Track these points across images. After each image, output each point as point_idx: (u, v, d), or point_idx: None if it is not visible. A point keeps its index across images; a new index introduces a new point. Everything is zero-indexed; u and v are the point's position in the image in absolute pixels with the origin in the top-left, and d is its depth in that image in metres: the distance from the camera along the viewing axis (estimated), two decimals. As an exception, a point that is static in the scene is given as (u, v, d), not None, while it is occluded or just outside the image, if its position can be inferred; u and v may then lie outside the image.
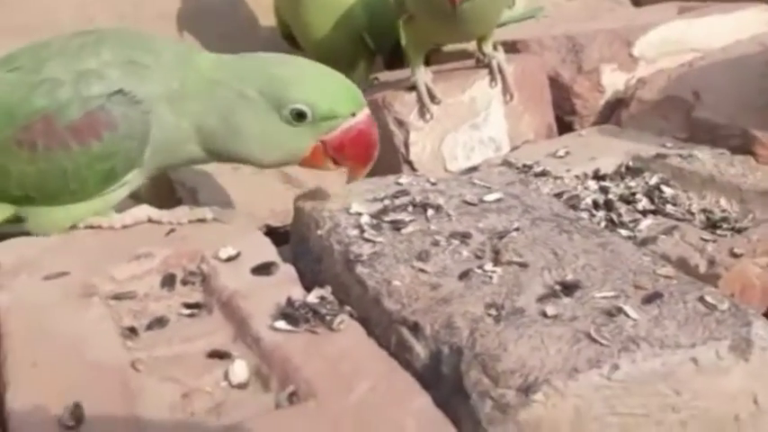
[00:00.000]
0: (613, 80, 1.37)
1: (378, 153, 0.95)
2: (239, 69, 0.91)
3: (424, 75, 1.25)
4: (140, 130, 0.89)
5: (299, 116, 0.88)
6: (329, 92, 0.90)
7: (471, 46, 1.38)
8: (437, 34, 1.27)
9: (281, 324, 0.76)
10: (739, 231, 0.95)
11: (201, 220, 0.97)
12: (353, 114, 0.90)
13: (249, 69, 0.91)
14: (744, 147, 1.15)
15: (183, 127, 0.90)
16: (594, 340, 0.70)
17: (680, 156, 1.13)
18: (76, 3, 1.38)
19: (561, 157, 1.18)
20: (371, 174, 1.19)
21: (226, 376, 0.73)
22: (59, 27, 1.37)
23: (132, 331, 0.79)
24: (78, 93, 0.88)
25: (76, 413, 0.65)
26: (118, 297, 0.85)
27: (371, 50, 1.43)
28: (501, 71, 1.28)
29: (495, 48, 1.31)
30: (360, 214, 0.93)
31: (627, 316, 0.73)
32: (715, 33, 1.44)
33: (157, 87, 0.90)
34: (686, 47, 1.41)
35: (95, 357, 0.73)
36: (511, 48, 1.41)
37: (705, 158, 1.11)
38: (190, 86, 0.90)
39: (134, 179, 0.93)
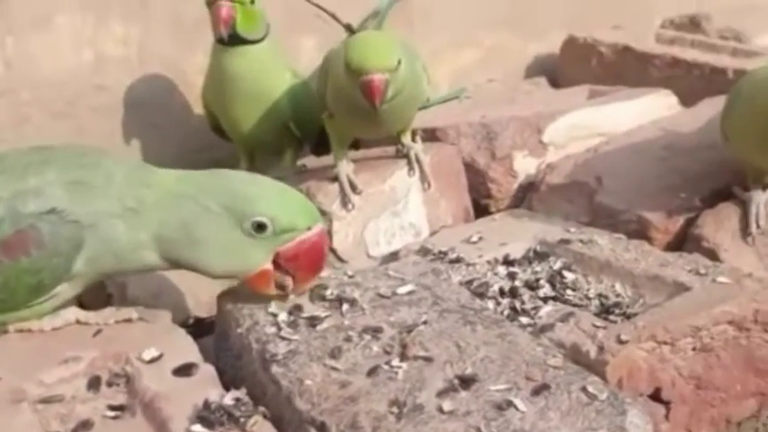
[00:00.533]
0: (525, 165, 1.46)
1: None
2: (203, 184, 0.98)
3: (345, 167, 1.33)
4: (69, 247, 0.94)
5: (260, 228, 0.96)
6: (289, 206, 0.99)
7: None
8: (357, 130, 1.35)
9: (198, 427, 0.81)
10: (629, 317, 1.03)
11: (127, 320, 1.02)
12: (309, 228, 0.98)
13: (213, 185, 0.98)
14: (640, 231, 1.24)
15: (141, 239, 0.97)
16: (483, 435, 0.77)
17: (581, 241, 1.21)
18: (10, 103, 1.43)
19: (474, 242, 1.26)
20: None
21: (145, 481, 0.77)
22: (-8, 126, 1.43)
23: (58, 437, 0.84)
24: (12, 211, 0.94)
25: None
26: (46, 401, 0.89)
27: (298, 139, 1.50)
28: (418, 161, 1.36)
29: (413, 138, 1.40)
30: (276, 314, 0.99)
31: (516, 409, 0.81)
32: (621, 118, 1.54)
33: (106, 205, 0.96)
34: (594, 132, 1.52)
35: (20, 467, 0.77)
36: (430, 135, 1.50)
37: (603, 243, 1.20)
38: (149, 202, 0.96)
39: (63, 291, 0.98)
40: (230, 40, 1.36)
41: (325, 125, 1.37)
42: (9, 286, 0.95)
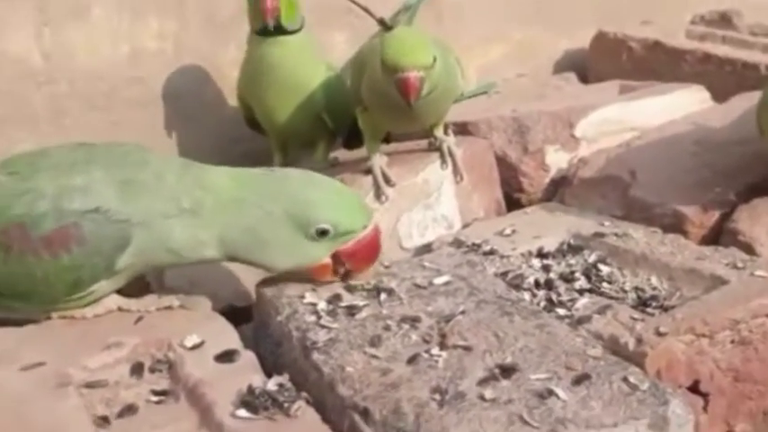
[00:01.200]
0: (557, 159, 1.47)
1: None
2: (264, 188, 1.01)
3: (379, 160, 1.34)
4: (111, 247, 0.96)
5: (322, 233, 1.00)
6: (348, 211, 1.03)
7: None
8: (391, 124, 1.36)
9: (242, 412, 0.82)
10: (666, 309, 1.03)
11: (168, 308, 1.03)
12: (365, 226, 1.03)
13: (274, 189, 1.01)
14: (675, 225, 1.24)
15: (202, 238, 0.99)
16: (526, 422, 0.77)
17: (616, 234, 1.21)
18: (48, 95, 1.45)
19: (508, 235, 1.26)
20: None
21: (191, 463, 0.79)
22: (32, 119, 1.45)
23: (104, 420, 0.85)
24: (56, 207, 0.95)
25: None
26: (90, 386, 0.91)
27: (331, 131, 1.51)
28: (451, 154, 1.37)
29: (445, 132, 1.40)
30: (315, 303, 1.00)
31: (557, 397, 0.81)
32: (652, 113, 1.54)
33: (159, 205, 0.98)
34: (625, 126, 1.52)
35: (70, 448, 0.78)
36: (461, 129, 1.50)
37: (638, 237, 1.20)
38: (208, 205, 0.98)
39: (102, 288, 1.00)
40: (273, 30, 1.37)
41: (359, 118, 1.38)
42: (48, 281, 0.96)
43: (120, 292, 1.07)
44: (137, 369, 0.93)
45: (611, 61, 1.89)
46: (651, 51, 1.85)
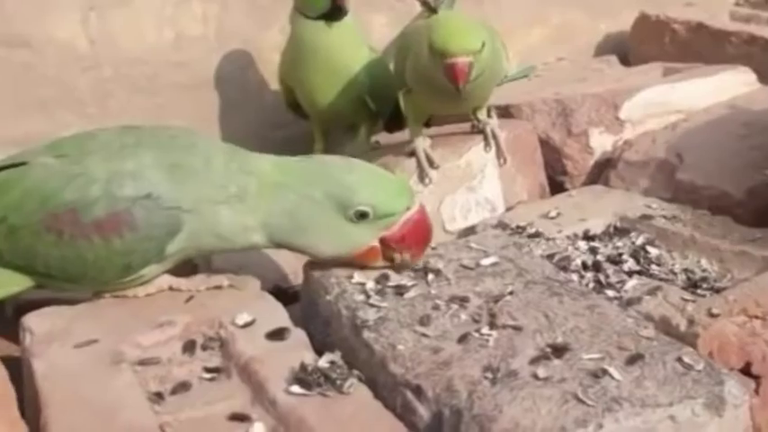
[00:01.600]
0: (601, 142, 1.45)
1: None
2: (304, 174, 1.01)
3: (422, 142, 1.34)
4: (162, 233, 0.97)
5: (362, 216, 0.99)
6: (387, 193, 1.01)
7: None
8: (436, 107, 1.35)
9: (296, 388, 0.83)
10: (718, 291, 1.02)
11: (218, 287, 1.04)
12: (408, 208, 1.01)
13: (314, 174, 1.01)
14: (723, 208, 1.23)
15: (248, 223, 0.99)
16: (581, 401, 0.77)
17: (664, 217, 1.20)
18: (94, 79, 1.47)
19: (553, 218, 1.26)
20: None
21: (246, 438, 0.80)
22: (77, 101, 1.47)
23: (159, 396, 0.86)
24: (108, 192, 0.96)
25: (114, 476, 0.72)
26: (143, 363, 0.92)
27: (373, 114, 1.51)
28: (495, 137, 1.36)
29: (489, 114, 1.40)
30: (364, 283, 1.00)
31: (611, 377, 0.81)
32: (698, 95, 1.52)
33: (209, 191, 0.98)
34: (671, 108, 1.50)
35: (128, 422, 0.80)
36: (504, 112, 1.49)
37: (687, 219, 1.19)
38: (252, 190, 0.99)
39: (152, 272, 1.01)
40: (333, 14, 1.38)
41: (402, 101, 1.37)
42: (99, 265, 0.97)
43: (168, 272, 1.08)
44: (189, 346, 0.94)
45: (653, 44, 1.87)
46: (695, 33, 1.82)
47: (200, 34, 1.54)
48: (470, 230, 1.30)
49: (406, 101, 1.36)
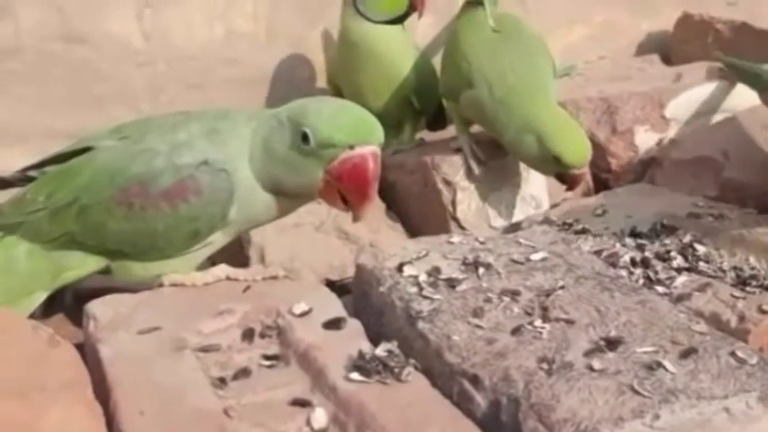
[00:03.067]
0: (646, 140, 1.46)
1: (375, 190, 1.00)
2: (285, 106, 1.04)
3: (468, 138, 1.36)
4: (224, 195, 1.01)
5: (305, 139, 0.97)
6: (334, 122, 0.98)
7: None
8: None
9: (355, 375, 0.85)
10: (767, 289, 1.03)
11: (274, 278, 1.07)
12: (352, 147, 0.96)
13: (290, 105, 1.04)
14: (770, 206, 1.24)
15: (254, 177, 1.02)
16: (637, 392, 0.78)
17: (711, 215, 1.21)
18: (148, 74, 1.50)
19: (599, 215, 1.27)
20: (422, 231, 1.30)
21: (308, 422, 0.82)
22: (131, 97, 1.50)
23: (221, 381, 0.89)
24: (171, 163, 1.01)
25: (186, 455, 0.74)
26: (205, 349, 0.94)
27: (418, 112, 1.53)
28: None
29: None
30: (416, 275, 1.02)
31: (666, 370, 0.82)
32: (743, 94, 1.52)
33: (236, 151, 1.02)
34: (716, 107, 1.50)
35: (193, 405, 0.82)
36: (549, 110, 1.50)
37: (734, 217, 1.20)
38: (258, 147, 1.02)
39: (216, 240, 1.05)
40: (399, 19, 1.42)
41: (447, 106, 1.40)
42: (168, 234, 1.02)
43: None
44: (248, 334, 0.97)
45: (696, 43, 1.86)
46: (738, 33, 1.81)
47: (250, 31, 1.57)
48: (516, 227, 1.32)
49: (452, 108, 1.38)
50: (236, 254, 1.23)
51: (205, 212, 1.01)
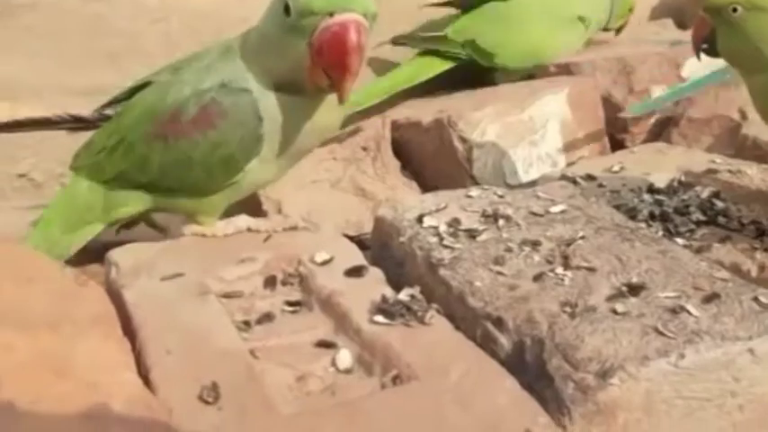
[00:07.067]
0: (663, 99, 1.46)
1: (359, 64, 0.91)
2: None
3: None
4: (250, 116, 1.00)
5: (286, 10, 0.94)
6: None
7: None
8: None
9: (379, 318, 0.86)
10: (787, 241, 1.03)
11: (294, 228, 1.07)
12: (331, 15, 0.90)
13: None
14: (788, 162, 1.23)
15: (260, 81, 1.01)
16: (662, 333, 0.79)
17: (729, 171, 1.21)
18: (162, 30, 1.50)
19: (616, 172, 1.27)
20: (441, 186, 1.30)
21: (333, 363, 0.83)
22: (144, 53, 1.50)
23: (246, 324, 0.90)
24: (195, 90, 1.02)
25: (215, 390, 0.75)
26: (228, 296, 0.95)
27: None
28: None
29: None
30: (436, 226, 1.02)
31: (689, 313, 0.82)
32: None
33: (240, 67, 1.02)
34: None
35: (220, 346, 0.83)
36: (564, 70, 1.50)
37: (753, 174, 1.20)
38: (253, 37, 1.03)
39: (254, 170, 1.03)
40: None
41: None
42: (206, 164, 1.02)
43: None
44: (270, 282, 0.98)
45: (711, 7, 1.85)
46: (754, -3, 1.80)
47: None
48: (533, 184, 1.32)
49: None
50: (254, 209, 1.23)
51: (235, 136, 1.01)
